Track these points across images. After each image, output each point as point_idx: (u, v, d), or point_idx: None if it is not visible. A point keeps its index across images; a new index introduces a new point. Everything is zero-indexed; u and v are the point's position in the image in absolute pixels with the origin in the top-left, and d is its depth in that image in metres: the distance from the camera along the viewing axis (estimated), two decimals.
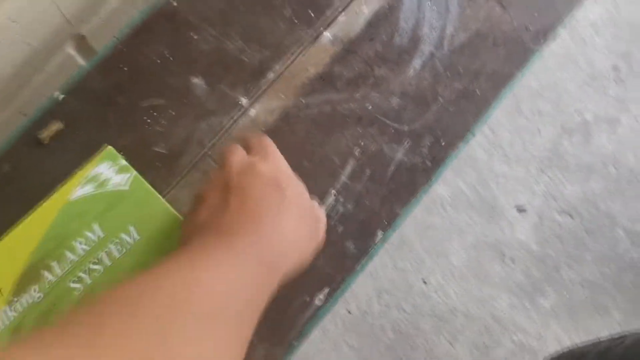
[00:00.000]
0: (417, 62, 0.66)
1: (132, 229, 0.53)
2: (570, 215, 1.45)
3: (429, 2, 0.68)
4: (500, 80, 0.66)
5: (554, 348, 1.36)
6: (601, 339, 0.89)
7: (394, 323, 1.38)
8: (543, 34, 0.69)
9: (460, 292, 1.41)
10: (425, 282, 1.42)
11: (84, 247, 0.52)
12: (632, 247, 1.41)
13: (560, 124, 1.50)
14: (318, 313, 0.58)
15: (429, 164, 0.64)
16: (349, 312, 1.39)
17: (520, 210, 1.46)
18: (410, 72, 0.65)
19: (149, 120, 0.60)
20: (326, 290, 0.59)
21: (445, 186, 1.47)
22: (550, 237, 1.44)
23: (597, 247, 1.42)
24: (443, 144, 0.64)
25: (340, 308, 1.38)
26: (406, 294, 1.41)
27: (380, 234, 0.61)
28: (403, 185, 0.63)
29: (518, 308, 1.39)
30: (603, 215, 1.44)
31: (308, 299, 0.59)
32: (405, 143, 0.63)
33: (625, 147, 1.48)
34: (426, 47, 0.66)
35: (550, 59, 1.49)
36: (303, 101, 0.63)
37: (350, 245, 0.61)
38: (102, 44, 0.73)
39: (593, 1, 1.60)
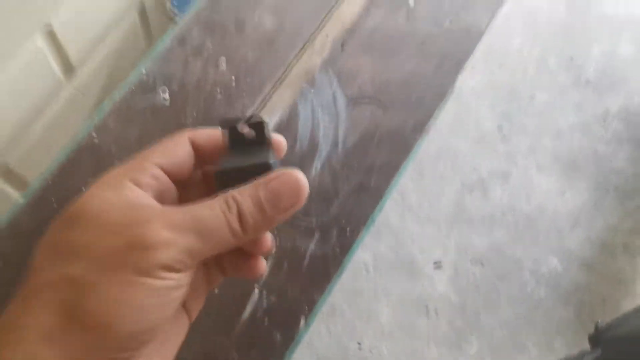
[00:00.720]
0: (317, 164, 0.76)
1: None
2: (482, 264, 1.59)
3: (320, 109, 0.79)
4: (389, 172, 0.77)
5: None
6: None
7: None
8: (419, 128, 0.81)
9: (393, 349, 1.49)
10: (359, 344, 1.50)
11: None
12: (538, 286, 1.56)
13: (460, 182, 1.67)
14: None
15: (337, 251, 0.73)
16: None
17: (437, 264, 1.59)
18: (313, 172, 0.75)
19: None
20: None
21: (366, 251, 1.57)
22: (467, 286, 1.56)
23: (508, 290, 1.56)
24: (348, 232, 0.74)
25: None
26: (343, 358, 1.48)
27: (303, 320, 0.69)
28: (318, 274, 0.71)
29: (446, 357, 1.49)
30: (509, 261, 1.59)
31: None
32: (316, 236, 0.73)
33: (519, 196, 1.66)
34: (323, 149, 0.77)
35: (443, 125, 1.67)
36: None
37: (277, 335, 0.68)
38: (31, 173, 0.79)
39: (471, 67, 1.80)
